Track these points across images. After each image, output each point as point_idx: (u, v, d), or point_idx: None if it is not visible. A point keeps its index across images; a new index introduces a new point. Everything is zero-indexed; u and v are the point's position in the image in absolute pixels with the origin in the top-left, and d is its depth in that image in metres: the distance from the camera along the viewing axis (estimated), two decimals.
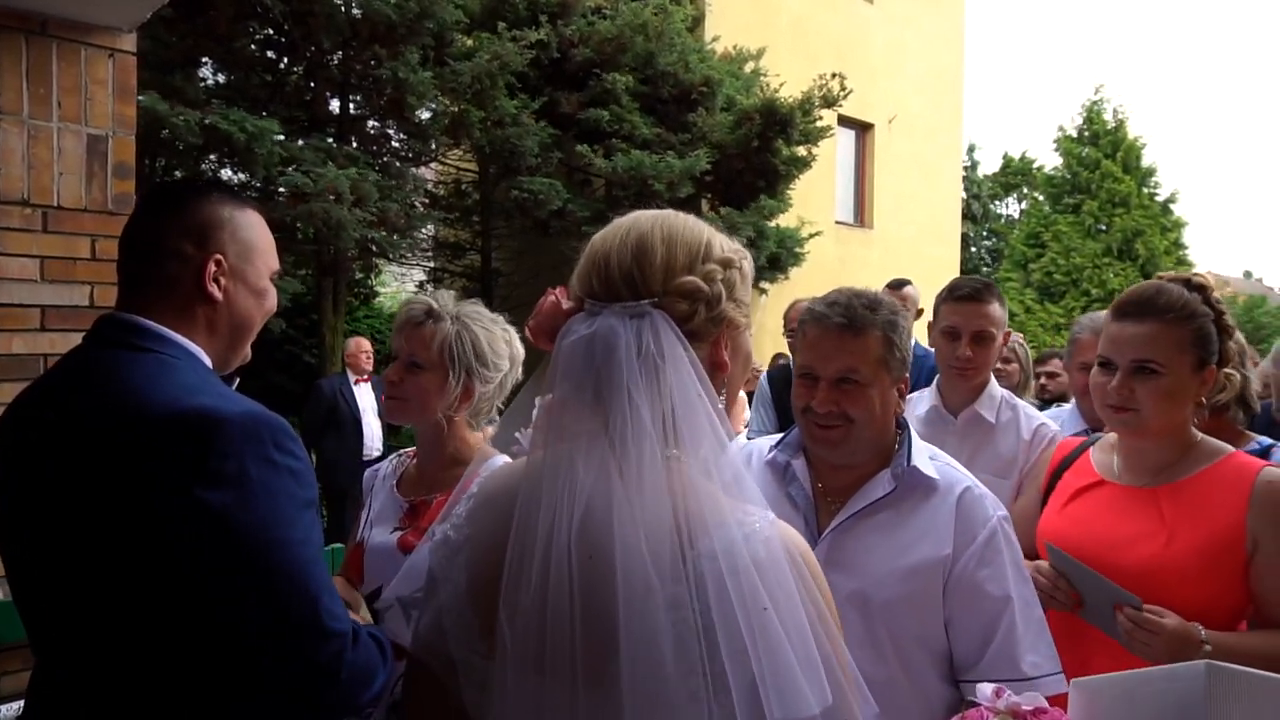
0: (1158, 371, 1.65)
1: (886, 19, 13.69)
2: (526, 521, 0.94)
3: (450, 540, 1.06)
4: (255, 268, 1.46)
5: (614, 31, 9.02)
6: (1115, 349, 1.70)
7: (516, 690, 0.93)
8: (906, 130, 13.98)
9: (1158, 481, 1.71)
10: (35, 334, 2.62)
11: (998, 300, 2.52)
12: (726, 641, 0.87)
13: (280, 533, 1.20)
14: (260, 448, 1.21)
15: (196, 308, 1.38)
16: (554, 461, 0.95)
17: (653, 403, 0.93)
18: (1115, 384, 1.68)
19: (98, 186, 2.73)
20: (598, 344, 0.95)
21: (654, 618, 0.88)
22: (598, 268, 1.02)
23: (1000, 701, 1.16)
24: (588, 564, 0.90)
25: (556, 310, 1.01)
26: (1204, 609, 1.57)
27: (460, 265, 11.42)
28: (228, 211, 1.43)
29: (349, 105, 8.53)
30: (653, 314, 0.96)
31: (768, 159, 9.42)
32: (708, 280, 1.01)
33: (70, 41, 2.66)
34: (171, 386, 1.25)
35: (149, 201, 1.47)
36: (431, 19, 7.59)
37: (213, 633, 1.19)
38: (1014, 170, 27.16)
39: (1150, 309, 1.68)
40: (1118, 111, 19.27)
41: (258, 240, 1.47)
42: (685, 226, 1.05)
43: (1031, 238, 19.28)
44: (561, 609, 0.89)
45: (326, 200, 6.67)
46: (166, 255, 1.37)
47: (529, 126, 8.53)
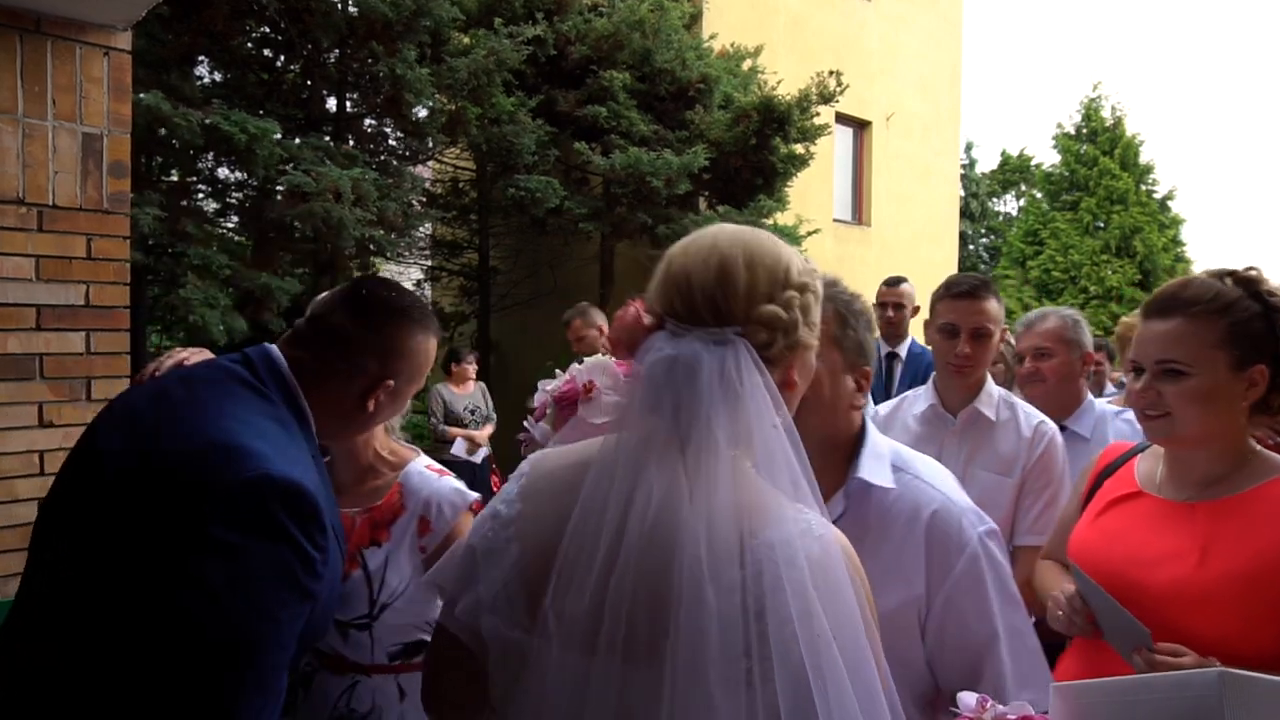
0: (1184, 372, 1.50)
1: (884, 17, 13.68)
2: (592, 506, 0.97)
3: (500, 515, 1.08)
4: (409, 390, 1.57)
5: (611, 29, 9.01)
6: (1141, 350, 1.58)
7: (561, 667, 0.95)
8: (904, 128, 13.98)
9: (1200, 496, 1.56)
10: (30, 333, 2.61)
11: (995, 297, 2.50)
12: (776, 629, 0.89)
13: (257, 602, 1.19)
14: (288, 518, 1.23)
15: (345, 406, 1.47)
16: (628, 454, 0.98)
17: (729, 428, 0.96)
18: (1140, 387, 1.56)
19: (93, 185, 2.72)
20: (680, 367, 0.97)
21: (709, 602, 0.90)
22: (679, 288, 1.03)
23: (985, 713, 1.15)
24: (651, 549, 0.92)
25: (638, 325, 1.04)
26: (1235, 640, 1.41)
27: (457, 263, 11.40)
28: (418, 341, 1.53)
29: (346, 103, 8.51)
30: (735, 342, 0.99)
31: (765, 157, 9.41)
32: (786, 308, 1.03)
33: (65, 39, 2.65)
34: (245, 425, 1.28)
35: (356, 302, 1.52)
36: (428, 16, 7.57)
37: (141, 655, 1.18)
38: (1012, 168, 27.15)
39: (1175, 304, 1.54)
40: (1116, 109, 19.28)
41: (425, 368, 1.57)
42: (765, 249, 1.05)
43: (1029, 235, 19.28)
44: (623, 592, 0.92)
45: (326, 199, 6.66)
46: (348, 359, 1.46)
47: (526, 124, 8.51)
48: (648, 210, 8.94)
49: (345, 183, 6.74)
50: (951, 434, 2.50)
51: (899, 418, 2.63)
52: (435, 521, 1.82)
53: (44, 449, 2.65)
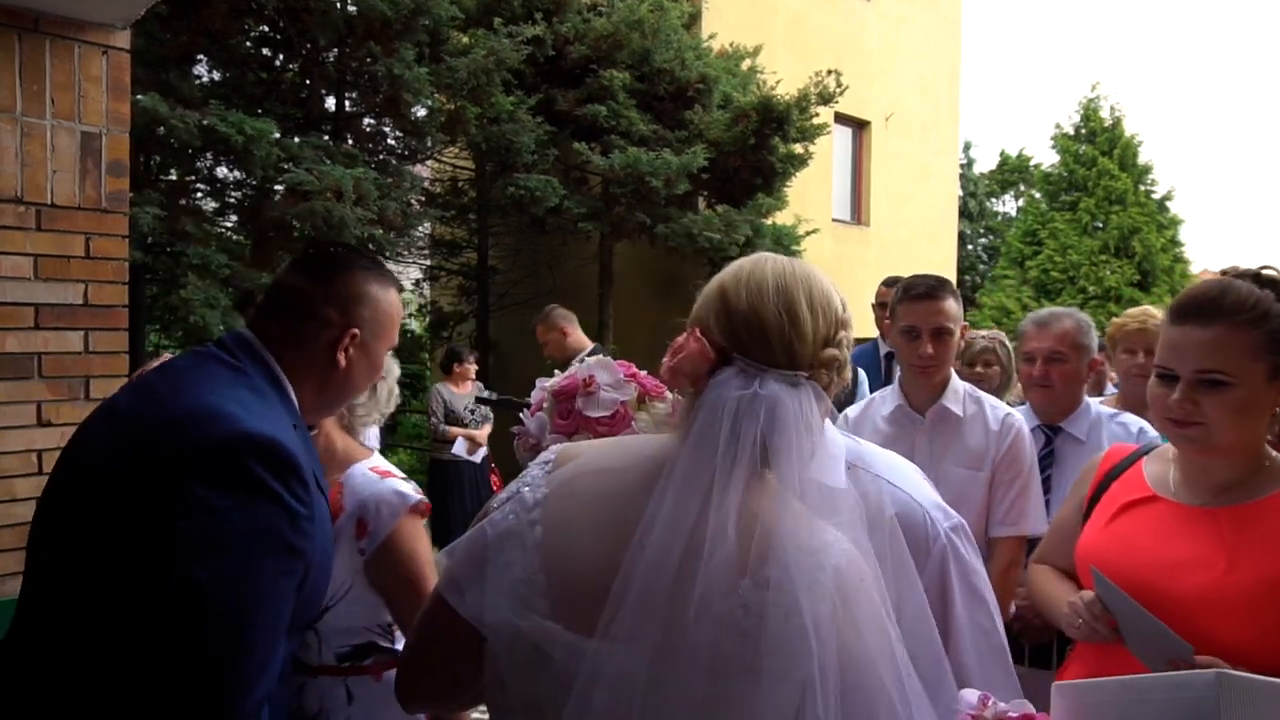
0: (1226, 383, 1.43)
1: (883, 17, 13.68)
2: (659, 524, 0.99)
3: (524, 499, 1.09)
4: (381, 344, 1.57)
5: (610, 28, 9.00)
6: (1176, 357, 1.48)
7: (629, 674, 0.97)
8: (903, 128, 13.98)
9: (1220, 502, 1.52)
10: (29, 332, 2.61)
11: (953, 296, 2.53)
12: (814, 625, 0.94)
13: (240, 559, 1.20)
14: (268, 475, 1.24)
15: (318, 365, 1.48)
16: (701, 479, 1.00)
17: (803, 460, 1.02)
18: (1177, 397, 1.47)
19: (91, 184, 2.71)
20: (763, 406, 1.02)
21: (754, 601, 0.95)
22: (749, 327, 1.07)
23: (987, 710, 1.15)
24: (716, 564, 0.96)
25: (704, 356, 1.07)
26: (1265, 647, 1.38)
27: (456, 263, 11.40)
28: (374, 289, 1.55)
29: (345, 102, 8.51)
30: (807, 386, 1.06)
31: (764, 156, 9.40)
32: (840, 348, 1.12)
33: (64, 38, 2.65)
34: (217, 393, 1.30)
35: (305, 261, 1.59)
36: (427, 15, 7.57)
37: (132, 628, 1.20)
38: (1011, 168, 27.15)
39: (1216, 310, 1.45)
40: (1114, 109, 19.28)
41: (391, 319, 1.58)
42: (822, 289, 1.13)
43: (1028, 235, 19.28)
44: (709, 605, 0.95)
45: (327, 198, 6.65)
46: (308, 315, 1.49)
47: (525, 123, 8.51)
48: (647, 210, 8.94)
49: (347, 181, 6.74)
50: (921, 432, 2.54)
51: (868, 419, 2.67)
52: (373, 523, 1.78)
53: (42, 448, 2.65)
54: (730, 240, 8.91)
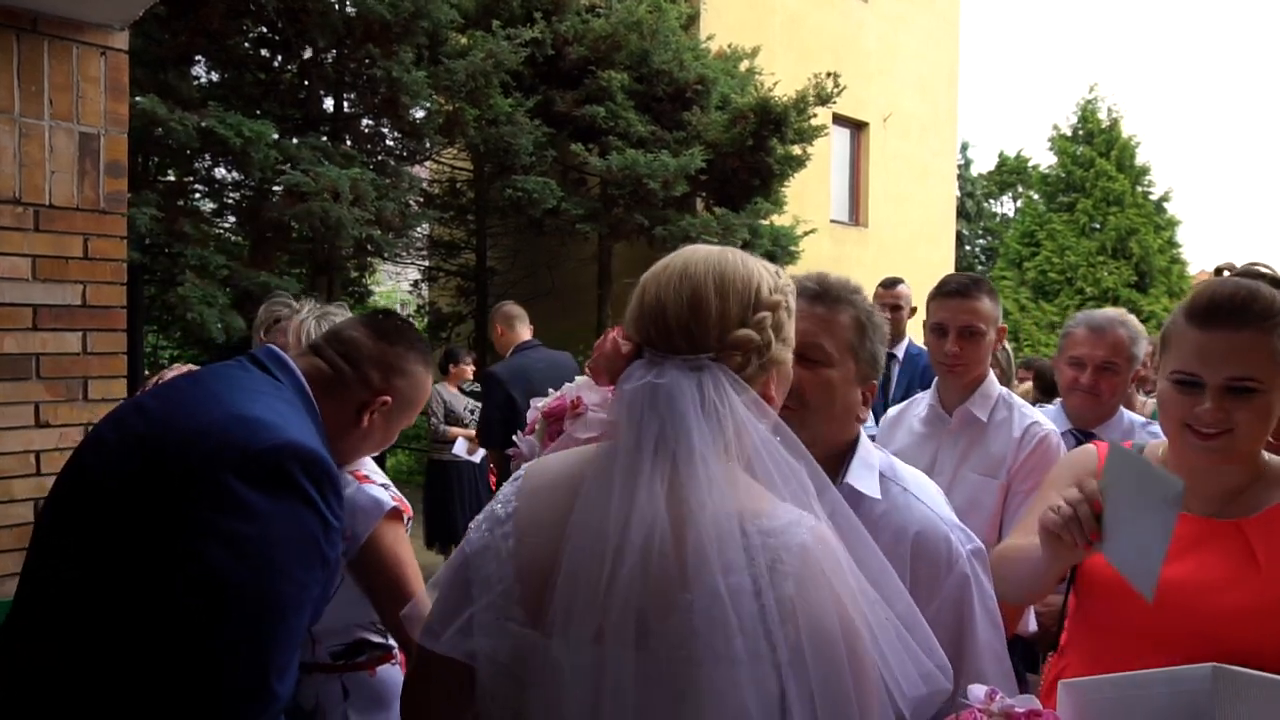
0: (1256, 390, 1.38)
1: (881, 18, 13.70)
2: (592, 505, 1.01)
3: (496, 514, 1.11)
4: (402, 421, 1.64)
5: (608, 30, 9.01)
6: (1205, 364, 1.41)
7: (574, 661, 0.98)
8: (901, 129, 13.99)
9: (1235, 511, 1.47)
10: (27, 333, 2.61)
11: (988, 295, 2.47)
12: (775, 606, 0.95)
13: (289, 567, 1.23)
14: (309, 484, 1.27)
15: (342, 418, 1.54)
16: (625, 463, 1.01)
17: (714, 444, 1.00)
18: (1209, 406, 1.40)
19: (90, 185, 2.71)
20: (661, 395, 1.01)
21: (718, 582, 0.95)
22: (654, 317, 1.07)
23: (994, 704, 1.16)
24: (653, 549, 0.96)
25: (616, 353, 1.07)
26: None
27: (455, 264, 11.40)
28: (418, 368, 1.64)
29: (343, 104, 8.51)
30: (711, 367, 1.03)
31: (762, 158, 9.41)
32: (758, 329, 1.07)
33: (62, 39, 2.65)
34: (258, 403, 1.33)
35: (375, 321, 1.66)
36: (426, 17, 7.57)
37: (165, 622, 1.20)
38: (1008, 169, 27.18)
39: (1247, 315, 1.39)
40: (1112, 110, 19.30)
41: (419, 402, 1.67)
42: (736, 273, 1.09)
43: (1026, 236, 19.29)
44: (626, 590, 0.95)
45: (325, 199, 6.65)
46: (358, 363, 1.55)
47: (523, 125, 8.52)
48: (645, 211, 8.94)
49: (344, 182, 6.74)
50: (948, 434, 2.49)
51: (905, 420, 2.64)
52: (351, 528, 1.80)
53: (40, 449, 2.65)
54: (728, 242, 8.92)
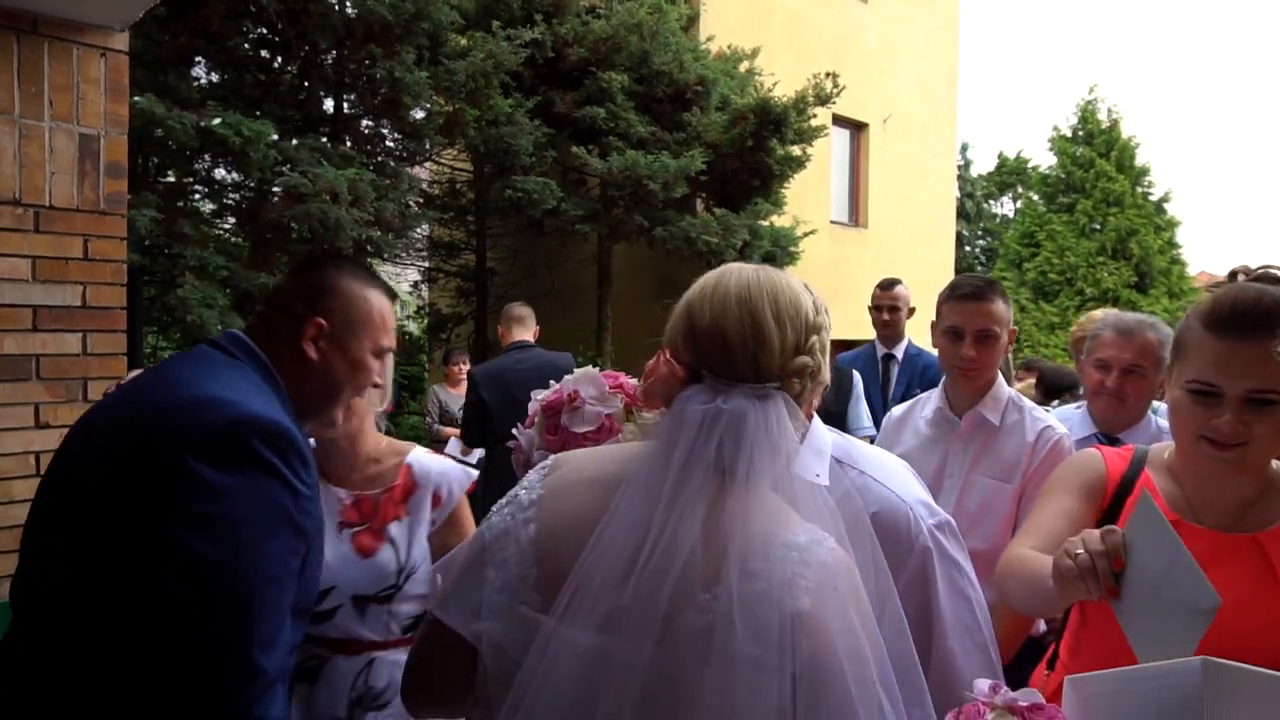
0: (1277, 402, 1.34)
1: (881, 18, 13.70)
2: (629, 509, 1.02)
3: (519, 500, 1.12)
4: (358, 341, 1.56)
5: (609, 31, 9.01)
6: (1225, 374, 1.36)
7: (580, 648, 0.99)
8: (901, 130, 14.00)
9: (1250, 524, 1.43)
10: (27, 334, 2.61)
11: (1001, 298, 2.45)
12: (792, 619, 0.96)
13: (257, 539, 1.22)
14: (271, 454, 1.26)
15: (292, 358, 1.49)
16: (669, 475, 1.02)
17: (774, 470, 1.03)
18: (1228, 419, 1.36)
19: (90, 186, 2.71)
20: (725, 419, 1.03)
21: (730, 593, 0.96)
22: (713, 343, 1.08)
23: (997, 697, 1.16)
24: (682, 553, 0.97)
25: (674, 377, 1.08)
26: None
27: (455, 265, 11.40)
28: (348, 283, 1.57)
29: (343, 105, 8.51)
30: (775, 396, 1.06)
31: (762, 158, 9.41)
32: (812, 354, 1.11)
33: (62, 40, 2.65)
34: (216, 381, 1.33)
35: (299, 263, 1.66)
36: (426, 18, 7.57)
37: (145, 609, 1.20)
38: (1008, 169, 27.20)
39: (1271, 324, 1.34)
40: (1112, 111, 19.32)
41: (368, 316, 1.57)
42: (790, 299, 1.12)
43: (1026, 237, 19.30)
44: (649, 590, 0.96)
45: (324, 200, 6.66)
46: (281, 310, 1.52)
47: (523, 126, 8.52)
48: (645, 212, 8.95)
49: (342, 183, 6.74)
50: (957, 437, 2.48)
51: (911, 421, 2.62)
52: (445, 497, 2.03)
53: (40, 450, 2.65)
54: (728, 243, 8.92)
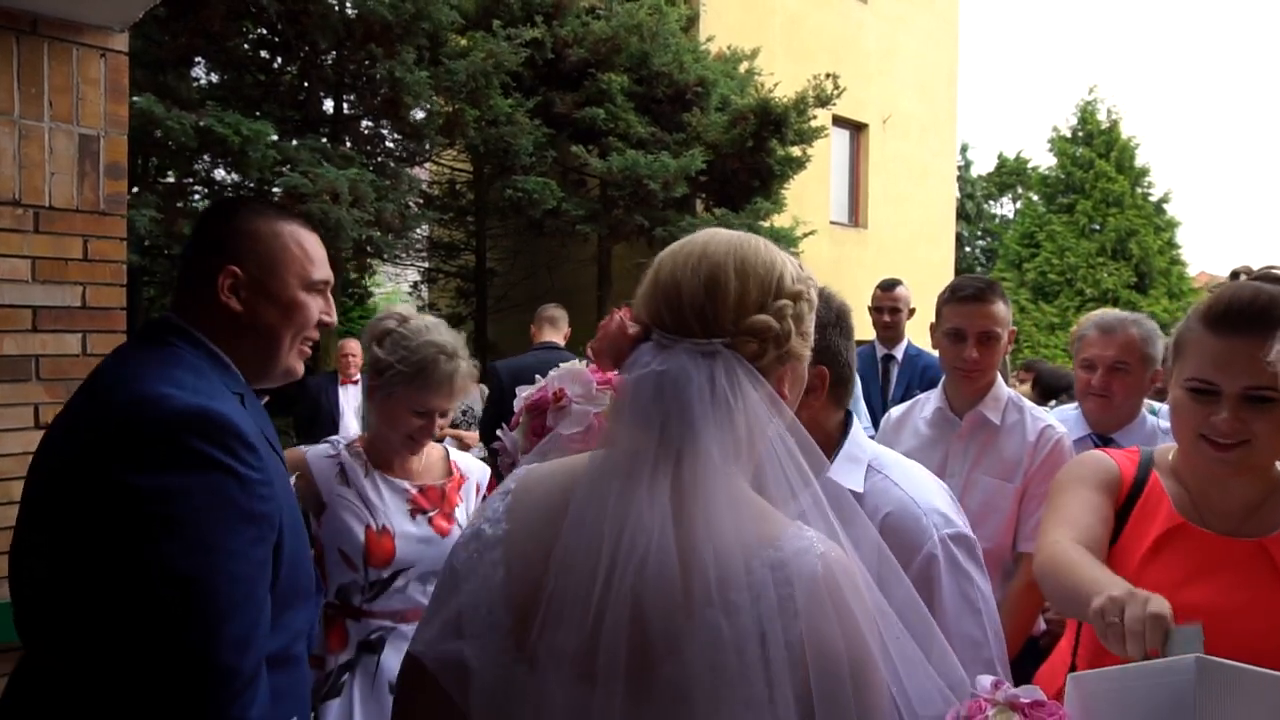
0: (1276, 400, 1.33)
1: (881, 18, 13.71)
2: (581, 526, 0.93)
3: (484, 535, 1.02)
4: (280, 279, 1.44)
5: (608, 32, 9.02)
6: (1222, 371, 1.36)
7: (558, 700, 0.91)
8: (901, 130, 14.00)
9: (1254, 529, 1.40)
10: (27, 335, 2.60)
11: (1001, 299, 2.46)
12: (778, 651, 0.87)
13: (204, 533, 1.17)
14: (203, 444, 1.20)
15: (218, 316, 1.41)
16: (618, 477, 0.94)
17: (722, 442, 0.92)
18: (1226, 416, 1.35)
19: (90, 187, 2.71)
20: (668, 381, 0.93)
21: (721, 627, 0.87)
22: (668, 297, 0.99)
23: (999, 693, 1.16)
24: (649, 574, 0.88)
25: (622, 334, 0.98)
26: None
27: (455, 265, 11.41)
28: (252, 223, 1.44)
29: (343, 105, 8.51)
30: (724, 354, 0.95)
31: (762, 159, 9.43)
32: (778, 318, 0.99)
33: (62, 41, 2.65)
34: (151, 375, 1.27)
35: (199, 217, 1.55)
36: (426, 19, 7.58)
37: (108, 624, 1.18)
38: (1008, 170, 27.20)
39: (1269, 322, 1.34)
40: (1111, 111, 19.32)
41: (285, 250, 1.45)
42: (758, 257, 1.01)
43: (1025, 237, 19.31)
44: (620, 620, 0.88)
45: (324, 200, 6.66)
46: (194, 265, 1.44)
47: (523, 126, 8.52)
48: (645, 212, 8.95)
49: (343, 183, 6.74)
50: (957, 438, 2.48)
51: (910, 421, 2.63)
52: (481, 489, 2.25)
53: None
54: None
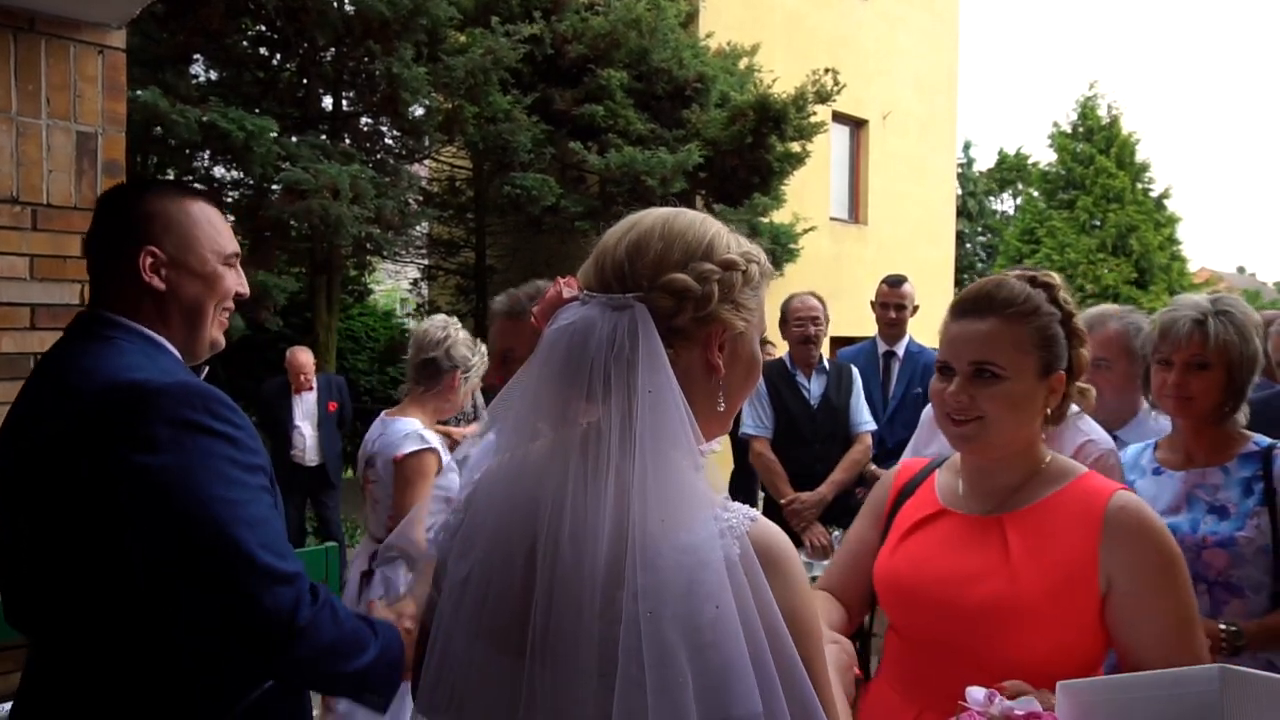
0: (1000, 375, 1.46)
1: (880, 15, 13.69)
2: (502, 515, 0.97)
3: (449, 525, 1.07)
4: (198, 254, 1.48)
5: (607, 28, 9.00)
6: (953, 351, 1.51)
7: (495, 671, 0.94)
8: (901, 127, 13.98)
9: (1002, 509, 1.52)
10: (25, 333, 2.60)
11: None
12: (656, 635, 0.86)
13: (214, 491, 1.22)
14: (193, 414, 1.25)
15: (144, 299, 1.44)
16: (525, 454, 0.97)
17: (620, 398, 0.92)
18: (953, 389, 1.49)
19: (87, 184, 2.71)
20: (575, 333, 0.94)
21: (584, 606, 0.88)
22: (597, 259, 1.02)
23: (993, 706, 1.15)
24: (561, 552, 0.90)
25: (556, 298, 1.00)
26: (1053, 656, 1.37)
27: (454, 262, 11.40)
28: (162, 204, 1.48)
29: (342, 102, 8.50)
30: (634, 307, 0.95)
31: (762, 155, 9.41)
32: (701, 279, 0.98)
33: (59, 38, 2.64)
34: (113, 365, 1.31)
35: (98, 205, 1.55)
36: (425, 15, 7.56)
37: (152, 587, 1.22)
38: (1008, 166, 27.19)
39: (990, 305, 1.50)
40: (1112, 107, 19.31)
41: (197, 227, 1.49)
42: (690, 226, 1.03)
43: (1026, 234, 19.31)
44: (545, 596, 0.90)
45: (324, 197, 6.65)
46: (110, 253, 1.45)
47: (522, 123, 8.51)
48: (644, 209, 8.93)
49: (343, 179, 6.73)
50: None
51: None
52: None
53: None
54: None
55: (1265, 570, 1.99)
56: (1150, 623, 1.37)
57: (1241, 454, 2.10)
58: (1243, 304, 2.15)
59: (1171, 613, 1.38)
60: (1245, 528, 2.00)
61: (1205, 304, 2.11)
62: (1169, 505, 2.13)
